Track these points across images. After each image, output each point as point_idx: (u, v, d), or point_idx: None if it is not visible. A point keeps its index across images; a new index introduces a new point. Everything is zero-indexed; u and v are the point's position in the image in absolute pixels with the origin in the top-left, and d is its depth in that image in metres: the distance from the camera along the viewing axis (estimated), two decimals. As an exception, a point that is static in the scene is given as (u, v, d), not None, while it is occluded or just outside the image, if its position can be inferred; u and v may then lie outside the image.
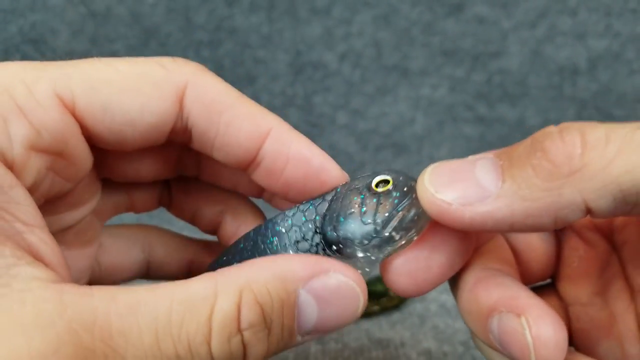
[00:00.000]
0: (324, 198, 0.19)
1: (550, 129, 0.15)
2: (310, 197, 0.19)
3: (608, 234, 0.20)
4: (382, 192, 0.16)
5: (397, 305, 0.36)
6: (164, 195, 0.24)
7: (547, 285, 0.22)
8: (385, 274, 0.17)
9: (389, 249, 0.16)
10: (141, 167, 0.21)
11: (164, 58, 0.18)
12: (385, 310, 0.36)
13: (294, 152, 0.19)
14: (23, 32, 0.50)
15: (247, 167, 0.20)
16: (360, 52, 0.50)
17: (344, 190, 0.18)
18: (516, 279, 0.18)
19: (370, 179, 0.17)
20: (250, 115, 0.19)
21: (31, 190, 0.17)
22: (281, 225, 0.19)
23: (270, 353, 0.16)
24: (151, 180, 0.22)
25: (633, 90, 0.50)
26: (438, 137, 0.53)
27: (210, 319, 0.14)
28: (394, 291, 0.17)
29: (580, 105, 0.50)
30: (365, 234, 0.16)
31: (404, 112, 0.51)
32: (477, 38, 0.49)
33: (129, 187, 0.23)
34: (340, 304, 0.16)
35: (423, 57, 0.50)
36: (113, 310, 0.13)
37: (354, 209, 0.16)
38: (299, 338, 0.16)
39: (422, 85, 0.51)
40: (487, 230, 0.15)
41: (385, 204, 0.16)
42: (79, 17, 0.49)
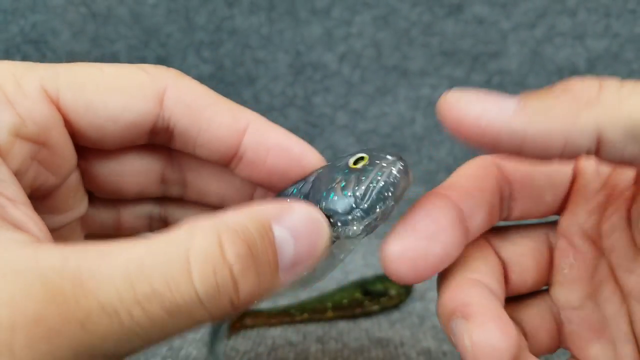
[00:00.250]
0: (306, 180, 0.20)
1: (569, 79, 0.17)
2: (293, 182, 0.20)
3: (596, 239, 0.20)
4: (359, 168, 0.18)
5: (396, 304, 0.36)
6: (153, 220, 0.24)
7: (543, 291, 0.22)
8: (385, 262, 0.18)
9: (370, 219, 0.18)
10: (124, 174, 0.22)
11: (146, 65, 0.20)
12: (385, 309, 0.36)
13: (273, 141, 0.20)
14: (24, 33, 0.50)
15: (230, 161, 0.20)
16: (360, 52, 0.50)
17: (325, 171, 0.19)
18: (494, 289, 0.19)
19: (348, 158, 0.19)
20: (230, 111, 0.20)
21: (17, 176, 0.17)
22: None
23: (259, 291, 0.16)
24: (135, 195, 0.22)
25: (632, 90, 0.50)
26: (438, 137, 0.53)
27: (188, 256, 0.14)
28: (393, 279, 0.18)
29: (579, 106, 0.51)
30: (347, 205, 0.18)
31: (404, 112, 0.52)
32: (477, 38, 0.49)
33: (117, 204, 0.23)
34: (311, 234, 0.17)
35: (423, 58, 0.50)
36: (83, 257, 0.14)
37: (335, 184, 0.18)
38: (281, 276, 0.17)
39: (421, 86, 0.51)
40: (497, 147, 0.16)
41: (362, 177, 0.18)
42: (80, 18, 0.49)
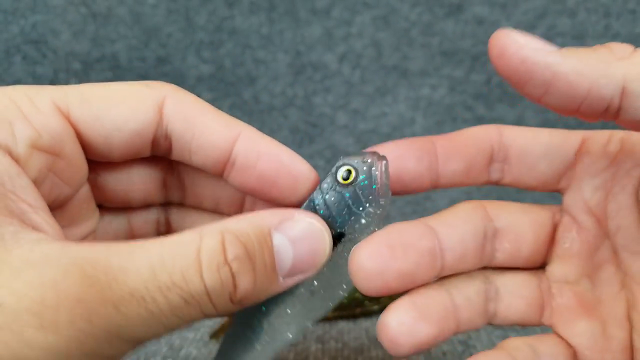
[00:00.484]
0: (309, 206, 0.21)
1: None
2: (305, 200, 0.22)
3: (602, 219, 0.20)
4: (353, 182, 0.20)
5: (396, 304, 0.36)
6: (160, 225, 0.26)
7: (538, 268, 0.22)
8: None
9: (380, 212, 0.20)
10: (131, 183, 0.24)
11: (147, 81, 0.22)
12: (385, 309, 0.36)
13: (264, 148, 0.21)
14: (24, 33, 0.50)
15: (223, 169, 0.22)
16: (360, 52, 0.50)
17: (323, 197, 0.21)
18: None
19: (335, 175, 0.21)
20: (223, 120, 0.21)
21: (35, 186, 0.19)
22: None
23: (257, 288, 0.18)
24: (142, 202, 0.24)
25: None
26: (437, 138, 0.53)
27: (199, 254, 0.17)
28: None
29: (579, 106, 0.51)
30: (364, 216, 0.20)
31: (404, 112, 0.52)
32: (477, 39, 0.49)
33: (126, 213, 0.25)
34: (311, 242, 0.19)
35: (422, 58, 0.50)
36: (112, 252, 0.16)
37: (344, 206, 0.20)
38: (282, 280, 0.19)
39: (421, 86, 0.51)
40: (530, 80, 0.18)
41: (362, 188, 0.20)
42: (80, 18, 0.49)
